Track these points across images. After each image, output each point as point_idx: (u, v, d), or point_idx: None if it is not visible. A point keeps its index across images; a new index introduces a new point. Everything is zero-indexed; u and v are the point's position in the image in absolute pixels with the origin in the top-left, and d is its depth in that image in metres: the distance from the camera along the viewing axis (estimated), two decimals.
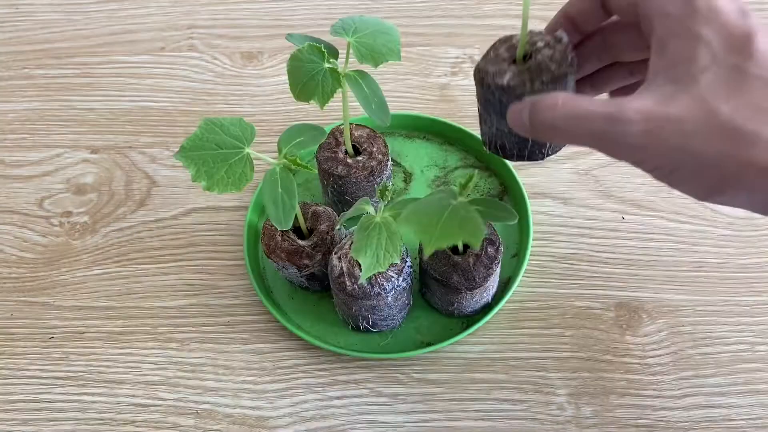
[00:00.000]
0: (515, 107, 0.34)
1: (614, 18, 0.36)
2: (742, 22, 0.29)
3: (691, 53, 0.29)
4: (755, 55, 0.28)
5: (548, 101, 0.32)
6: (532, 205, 0.53)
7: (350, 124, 0.50)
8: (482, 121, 0.39)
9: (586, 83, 0.40)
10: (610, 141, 0.30)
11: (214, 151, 0.40)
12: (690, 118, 0.28)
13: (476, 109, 0.40)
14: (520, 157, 0.38)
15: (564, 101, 0.32)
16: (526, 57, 0.36)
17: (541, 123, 0.33)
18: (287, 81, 0.43)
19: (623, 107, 0.30)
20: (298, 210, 0.43)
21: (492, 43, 0.38)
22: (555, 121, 0.32)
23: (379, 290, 0.44)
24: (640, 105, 0.30)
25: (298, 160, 0.41)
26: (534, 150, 0.38)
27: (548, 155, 0.39)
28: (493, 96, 0.36)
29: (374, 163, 0.50)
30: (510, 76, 0.35)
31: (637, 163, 0.31)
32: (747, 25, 0.29)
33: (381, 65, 0.43)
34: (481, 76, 0.36)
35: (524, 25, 0.35)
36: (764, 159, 0.28)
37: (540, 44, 0.36)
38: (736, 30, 0.29)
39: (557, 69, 0.34)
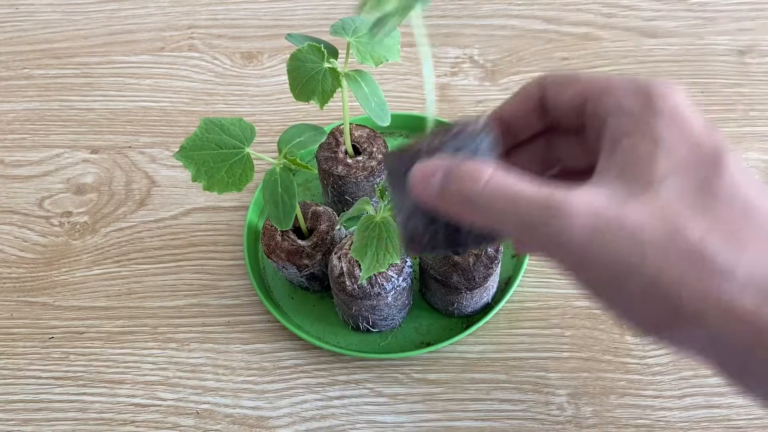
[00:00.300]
0: (422, 167, 0.28)
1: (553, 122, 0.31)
2: (711, 136, 0.26)
3: (649, 155, 0.25)
4: (726, 173, 0.25)
5: (472, 169, 0.26)
6: None
7: (350, 124, 0.50)
8: (395, 210, 0.32)
9: None
10: (544, 235, 0.25)
11: (214, 151, 0.40)
12: (648, 228, 0.24)
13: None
14: (433, 247, 0.30)
15: (493, 174, 0.26)
16: None
17: (456, 194, 0.27)
18: (287, 81, 0.43)
19: (568, 197, 0.25)
20: (298, 210, 0.43)
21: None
22: (476, 196, 0.26)
23: (379, 290, 0.44)
24: (588, 198, 0.25)
25: (298, 160, 0.41)
26: (449, 233, 0.29)
27: (468, 245, 0.30)
28: (394, 163, 0.30)
29: (374, 163, 0.50)
30: (413, 139, 0.30)
31: (572, 270, 0.26)
32: (716, 140, 0.25)
33: (381, 65, 0.43)
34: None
35: (429, 100, 0.31)
36: (737, 300, 0.23)
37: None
38: (704, 143, 0.25)
39: (463, 128, 0.29)
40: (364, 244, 0.40)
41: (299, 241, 0.48)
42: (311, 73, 0.42)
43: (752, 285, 0.23)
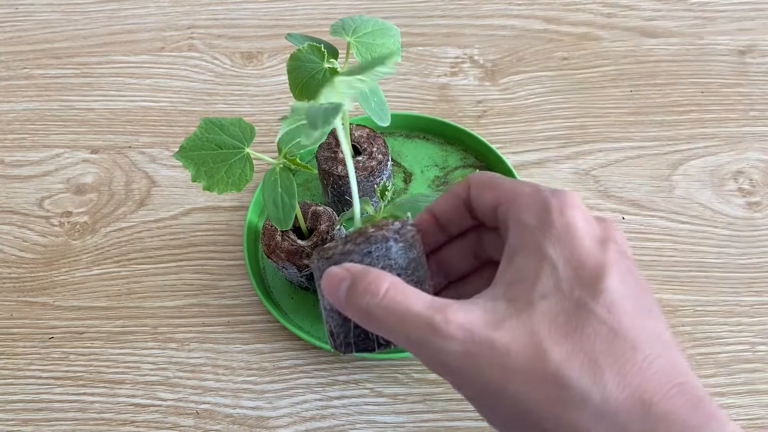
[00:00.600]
0: (331, 274, 0.29)
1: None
2: (597, 253, 0.26)
3: (535, 274, 0.26)
4: (603, 294, 0.25)
5: (372, 283, 0.27)
6: None
7: (350, 124, 0.50)
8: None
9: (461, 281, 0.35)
10: (427, 353, 0.26)
11: (213, 151, 0.40)
12: (515, 352, 0.24)
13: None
14: (347, 344, 0.31)
15: (388, 290, 0.27)
16: None
17: (357, 305, 0.27)
18: (287, 81, 0.43)
19: (447, 317, 0.25)
20: (298, 210, 0.43)
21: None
22: (373, 309, 0.27)
23: None
24: (465, 319, 0.25)
25: (298, 160, 0.41)
26: (359, 334, 0.30)
27: (380, 346, 0.30)
28: (315, 264, 0.32)
29: (374, 163, 0.50)
30: (331, 243, 0.31)
31: (454, 386, 0.27)
32: (602, 257, 0.26)
33: None
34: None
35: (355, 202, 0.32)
36: (590, 429, 0.23)
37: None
38: (589, 260, 0.26)
39: (374, 231, 0.29)
40: None
41: (299, 241, 0.48)
42: (311, 73, 0.42)
43: (604, 413, 0.23)
